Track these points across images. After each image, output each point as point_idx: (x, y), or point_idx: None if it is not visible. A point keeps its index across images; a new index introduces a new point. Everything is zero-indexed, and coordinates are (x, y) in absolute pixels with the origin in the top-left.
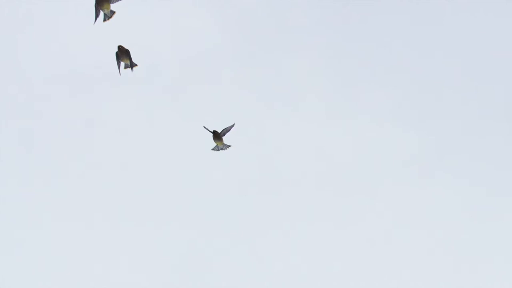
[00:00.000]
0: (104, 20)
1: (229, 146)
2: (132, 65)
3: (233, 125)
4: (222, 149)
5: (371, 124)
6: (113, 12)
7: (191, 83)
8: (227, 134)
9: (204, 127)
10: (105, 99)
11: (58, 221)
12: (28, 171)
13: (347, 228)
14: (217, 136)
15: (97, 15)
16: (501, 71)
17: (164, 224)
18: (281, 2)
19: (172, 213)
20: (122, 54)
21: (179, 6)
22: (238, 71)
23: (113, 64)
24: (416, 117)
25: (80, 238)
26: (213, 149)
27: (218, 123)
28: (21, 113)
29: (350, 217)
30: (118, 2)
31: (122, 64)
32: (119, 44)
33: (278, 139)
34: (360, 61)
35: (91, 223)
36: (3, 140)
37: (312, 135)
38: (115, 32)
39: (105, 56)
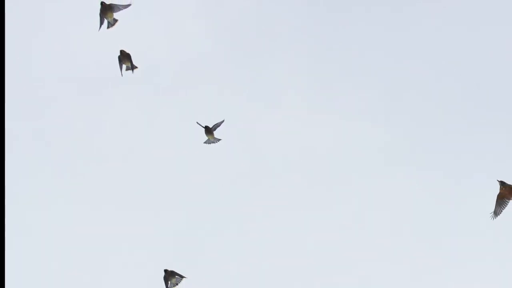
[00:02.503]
0: (108, 27)
1: (219, 139)
2: (132, 67)
3: (223, 121)
4: (213, 142)
5: (346, 119)
6: (116, 20)
7: (186, 83)
8: (218, 129)
9: (197, 122)
10: (107, 98)
11: (65, 210)
12: (36, 167)
13: (324, 213)
14: (209, 130)
15: (101, 23)
16: (458, 74)
17: (162, 210)
18: (266, 10)
19: (170, 202)
20: (124, 57)
21: (175, 15)
22: (229, 73)
23: (115, 66)
24: (384, 114)
25: (85, 223)
26: (205, 142)
27: (210, 119)
28: (29, 113)
29: (327, 202)
30: (120, 11)
31: (124, 66)
32: (121, 48)
33: (264, 133)
34: (336, 64)
35: (96, 213)
36: (14, 138)
37: (294, 130)
38: (118, 37)
39: (108, 59)
